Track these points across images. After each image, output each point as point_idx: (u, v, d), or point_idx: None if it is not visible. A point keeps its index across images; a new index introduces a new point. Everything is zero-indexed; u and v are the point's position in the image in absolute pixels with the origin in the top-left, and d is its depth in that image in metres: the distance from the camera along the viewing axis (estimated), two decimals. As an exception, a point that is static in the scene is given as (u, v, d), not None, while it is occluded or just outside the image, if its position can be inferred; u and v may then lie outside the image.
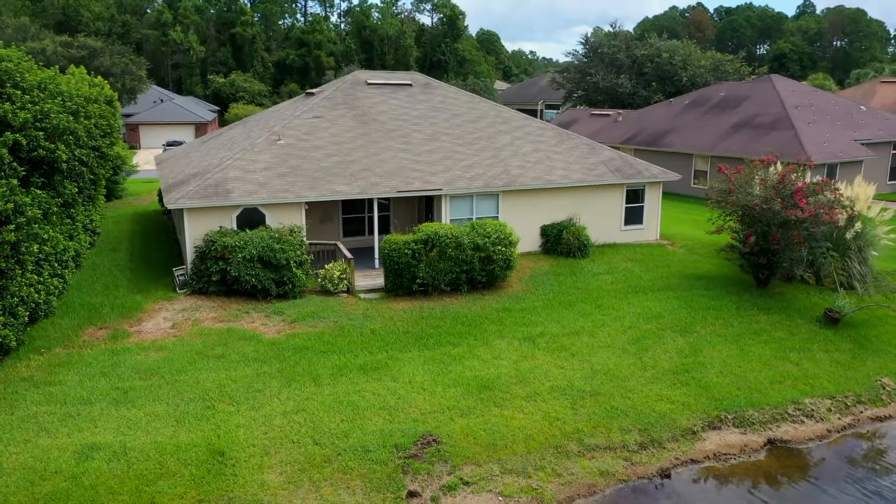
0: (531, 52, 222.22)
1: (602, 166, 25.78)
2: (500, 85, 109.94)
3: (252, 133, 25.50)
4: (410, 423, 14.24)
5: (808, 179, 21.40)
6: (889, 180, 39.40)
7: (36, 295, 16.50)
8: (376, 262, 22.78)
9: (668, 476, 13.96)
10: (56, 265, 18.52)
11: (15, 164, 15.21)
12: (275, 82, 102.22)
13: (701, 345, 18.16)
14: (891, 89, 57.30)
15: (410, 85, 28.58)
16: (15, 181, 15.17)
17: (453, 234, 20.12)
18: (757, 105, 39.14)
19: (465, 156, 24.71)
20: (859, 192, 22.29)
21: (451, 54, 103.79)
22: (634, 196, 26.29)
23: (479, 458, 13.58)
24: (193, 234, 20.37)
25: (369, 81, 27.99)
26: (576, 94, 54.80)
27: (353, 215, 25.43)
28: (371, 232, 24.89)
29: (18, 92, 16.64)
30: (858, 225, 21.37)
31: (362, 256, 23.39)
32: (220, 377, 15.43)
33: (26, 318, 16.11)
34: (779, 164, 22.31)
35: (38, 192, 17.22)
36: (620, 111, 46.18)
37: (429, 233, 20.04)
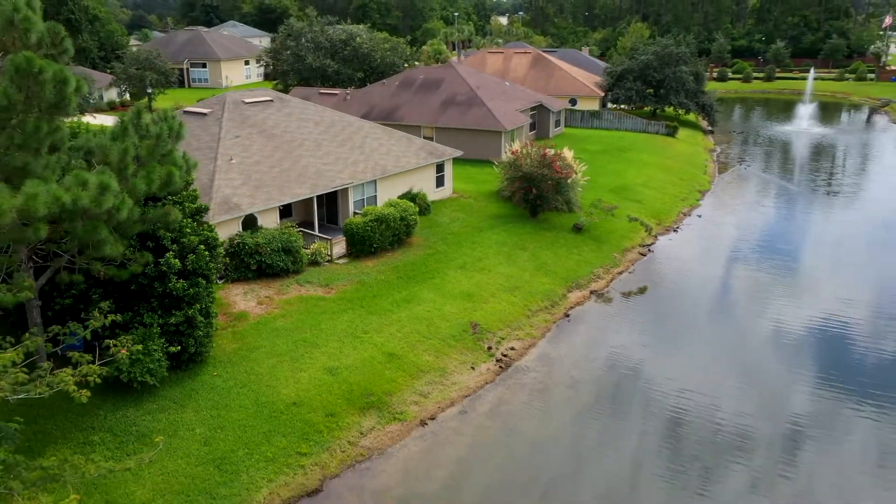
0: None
1: (422, 151, 38.74)
2: (133, 42, 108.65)
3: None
4: (459, 320, 26.56)
5: (515, 147, 37.98)
6: (529, 131, 59.85)
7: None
8: (316, 237, 32.52)
9: (569, 315, 29.12)
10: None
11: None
12: None
13: (536, 253, 33.47)
14: (496, 58, 79.74)
15: (272, 101, 36.98)
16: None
17: (391, 213, 31.49)
18: (452, 86, 55.28)
19: (346, 155, 35.20)
20: (567, 155, 39.70)
21: (82, 12, 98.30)
22: (440, 168, 40.00)
23: (499, 327, 26.81)
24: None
25: (245, 101, 35.64)
26: (290, 72, 64.35)
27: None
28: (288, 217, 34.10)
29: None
30: (573, 174, 38.77)
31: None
32: (342, 321, 25.25)
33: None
34: (517, 142, 38.40)
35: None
36: (347, 90, 58.08)
37: (378, 214, 31.07)
